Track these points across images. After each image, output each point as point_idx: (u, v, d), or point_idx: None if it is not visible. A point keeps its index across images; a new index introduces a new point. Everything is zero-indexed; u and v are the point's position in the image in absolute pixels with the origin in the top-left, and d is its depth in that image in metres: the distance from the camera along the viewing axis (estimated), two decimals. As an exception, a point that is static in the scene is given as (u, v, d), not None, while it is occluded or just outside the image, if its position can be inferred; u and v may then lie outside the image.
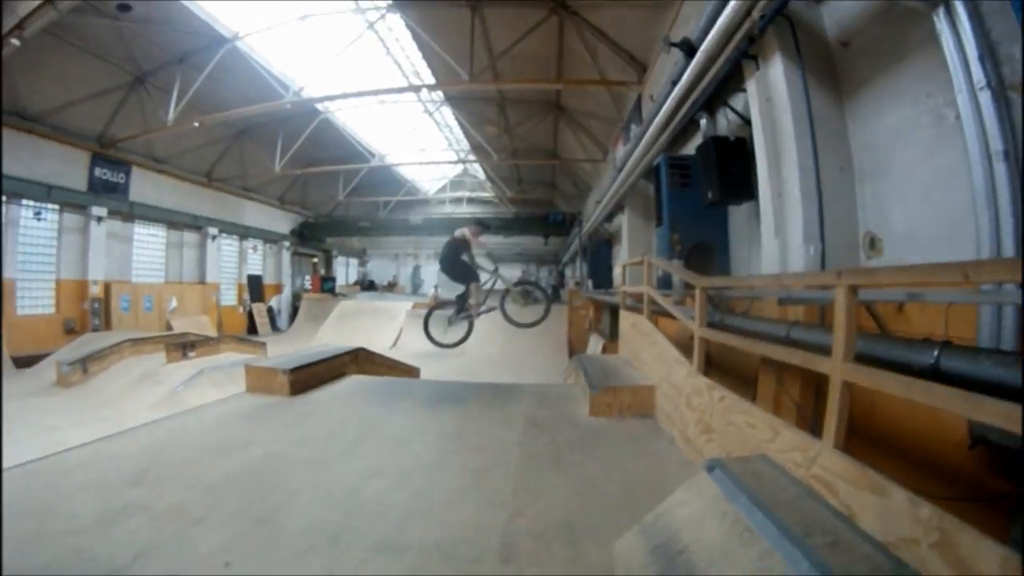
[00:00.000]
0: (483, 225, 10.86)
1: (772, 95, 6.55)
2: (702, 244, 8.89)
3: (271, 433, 6.03)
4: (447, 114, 27.75)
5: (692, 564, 2.65)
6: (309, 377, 8.07)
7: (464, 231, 10.51)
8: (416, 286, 42.53)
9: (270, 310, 32.10)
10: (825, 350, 3.38)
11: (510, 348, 20.93)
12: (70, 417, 12.62)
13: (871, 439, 3.36)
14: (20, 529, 3.69)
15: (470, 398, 7.68)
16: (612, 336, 16.50)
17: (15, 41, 13.40)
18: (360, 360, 10.04)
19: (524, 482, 4.55)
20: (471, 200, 41.13)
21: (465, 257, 10.56)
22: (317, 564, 3.29)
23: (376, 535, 3.63)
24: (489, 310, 11.00)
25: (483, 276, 10.70)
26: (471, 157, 31.44)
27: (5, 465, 4.83)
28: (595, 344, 18.20)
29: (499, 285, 11.04)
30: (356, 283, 40.36)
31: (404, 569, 3.20)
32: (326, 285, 35.40)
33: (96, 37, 18.05)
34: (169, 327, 23.73)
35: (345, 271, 42.10)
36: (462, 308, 10.69)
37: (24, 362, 18.33)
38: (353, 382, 8.65)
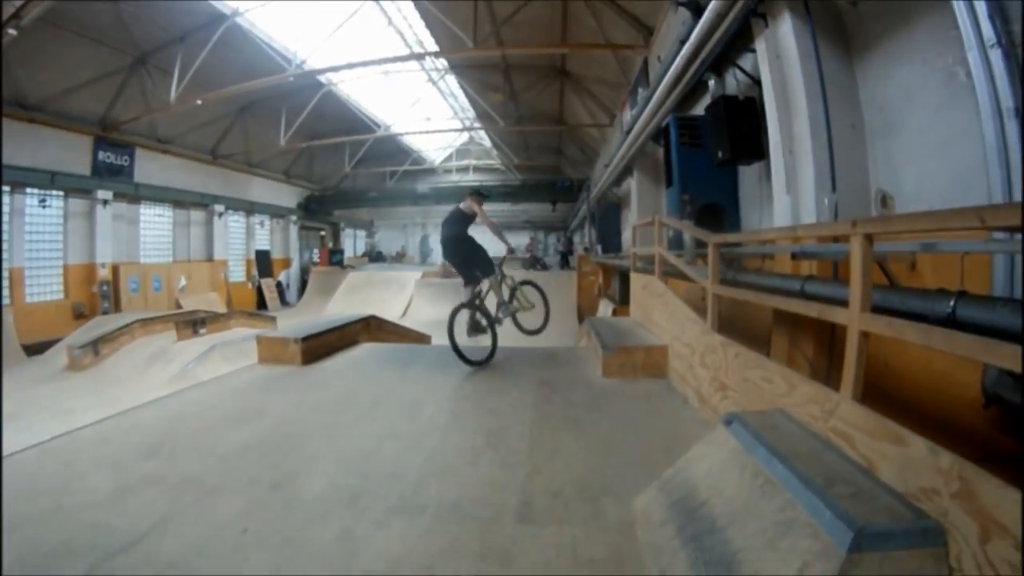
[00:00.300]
0: (481, 194, 8.53)
1: (782, 52, 6.48)
2: (712, 205, 8.86)
3: (285, 402, 6.08)
4: (452, 83, 27.68)
5: (713, 517, 2.66)
6: (321, 346, 8.10)
7: (469, 202, 8.30)
8: (425, 255, 42.56)
9: (279, 284, 32.15)
10: (841, 303, 3.36)
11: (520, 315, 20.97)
12: (83, 399, 12.72)
13: (884, 400, 3.34)
14: (37, 507, 3.72)
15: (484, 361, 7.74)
16: (622, 300, 16.44)
17: (12, 31, 13.45)
18: (372, 328, 10.01)
19: (539, 442, 4.58)
20: (477, 168, 41.08)
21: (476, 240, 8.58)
22: (335, 527, 3.32)
23: (393, 497, 3.66)
24: (511, 312, 8.66)
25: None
26: (477, 125, 31.35)
27: (20, 445, 4.89)
28: (605, 309, 18.18)
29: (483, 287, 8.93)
30: (364, 255, 40.44)
31: (423, 530, 3.21)
32: (334, 258, 35.31)
33: (93, 22, 18.02)
34: (179, 306, 23.82)
35: (353, 243, 42.10)
36: (477, 312, 8.25)
37: (35, 349, 18.42)
38: (365, 349, 8.71)
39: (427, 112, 31.20)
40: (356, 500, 3.68)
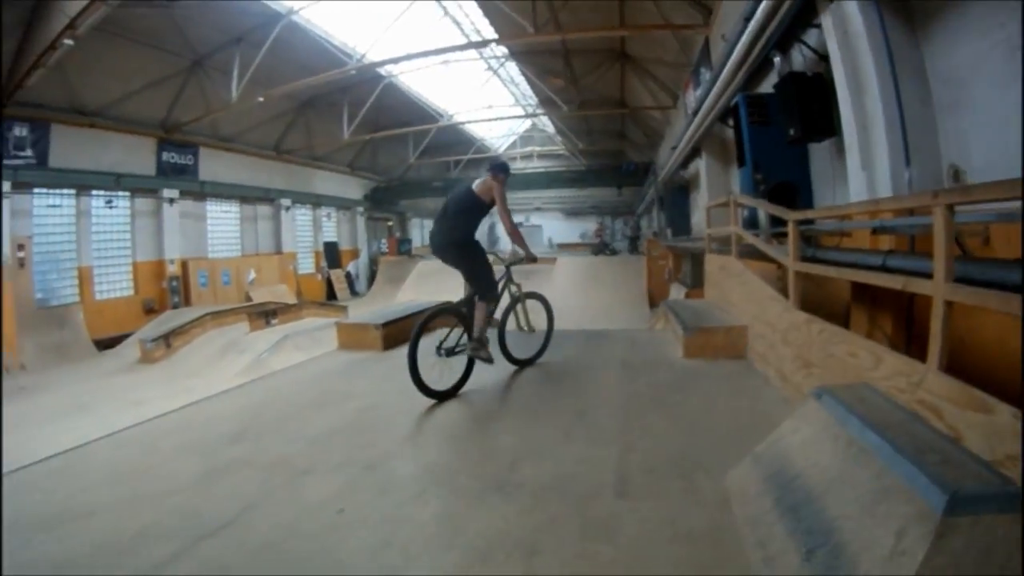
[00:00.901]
0: (507, 171, 6.55)
1: (849, 27, 6.44)
2: (785, 183, 8.77)
3: (369, 386, 6.28)
4: (512, 70, 27.77)
5: (808, 488, 2.74)
6: (400, 331, 8.10)
7: (487, 180, 6.31)
8: (492, 243, 42.70)
9: (348, 275, 32.93)
10: (923, 275, 3.42)
11: (590, 301, 20.96)
12: (155, 390, 13.13)
13: (962, 377, 3.36)
14: (116, 493, 3.78)
15: (563, 344, 7.77)
16: (694, 284, 16.30)
17: (68, 41, 14.05)
18: (449, 313, 9.89)
19: (629, 421, 4.67)
20: (541, 155, 41.17)
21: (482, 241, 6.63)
22: (434, 505, 3.42)
23: (488, 475, 3.76)
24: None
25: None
26: (539, 111, 31.45)
27: (93, 435, 5.05)
28: (676, 294, 17.96)
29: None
30: (426, 244, 40.86)
31: (522, 507, 3.29)
32: (402, 247, 35.91)
33: (148, 28, 18.64)
34: (248, 298, 24.59)
35: (420, 232, 42.52)
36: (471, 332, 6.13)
37: (105, 344, 19.19)
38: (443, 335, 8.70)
39: (488, 100, 31.40)
40: (452, 479, 3.79)
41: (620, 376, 6.16)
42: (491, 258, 6.49)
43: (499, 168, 6.44)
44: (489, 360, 5.95)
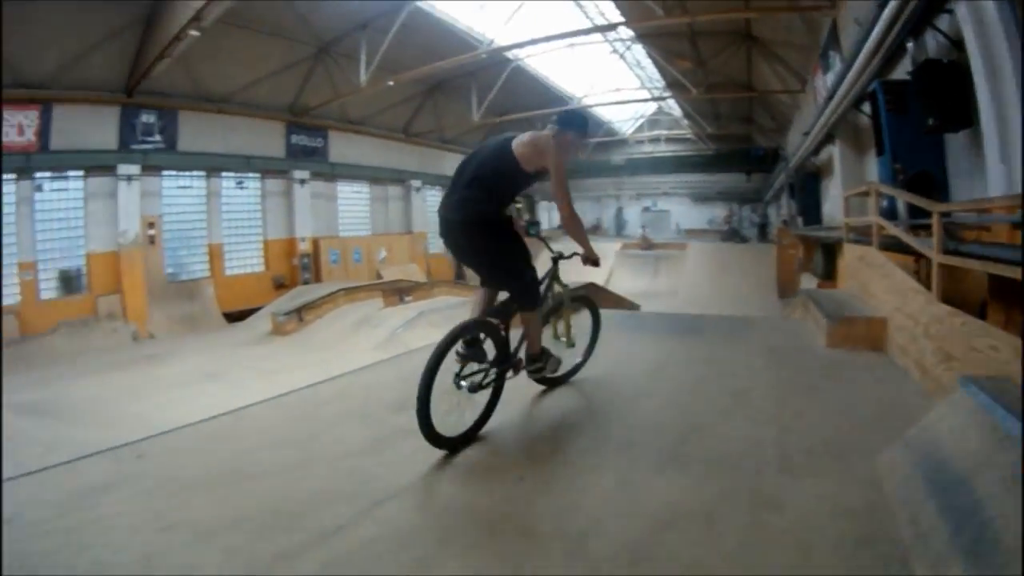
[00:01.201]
0: (577, 124, 4.75)
1: (984, 16, 6.47)
2: (924, 173, 8.73)
3: None
4: (637, 52, 27.75)
5: (956, 471, 2.96)
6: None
7: (543, 138, 4.46)
8: (620, 227, 42.60)
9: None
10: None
11: (721, 289, 21.11)
12: (289, 360, 13.87)
13: None
14: (282, 456, 3.99)
15: (707, 329, 7.96)
16: (825, 275, 15.95)
17: (194, 32, 15.18)
18: (591, 294, 9.79)
19: (782, 404, 4.87)
20: (668, 139, 40.66)
21: (521, 220, 5.34)
22: (612, 475, 3.63)
23: (658, 449, 3.99)
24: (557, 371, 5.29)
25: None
26: (665, 94, 31.23)
27: (233, 402, 5.38)
28: (807, 284, 17.54)
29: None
30: (560, 227, 41.07)
31: (695, 479, 3.54)
32: (531, 229, 35.38)
33: (272, 19, 19.77)
34: (379, 276, 25.37)
35: (548, 215, 42.84)
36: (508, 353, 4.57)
37: (235, 317, 20.77)
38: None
39: (615, 83, 31.43)
40: (627, 451, 3.97)
41: (768, 361, 6.31)
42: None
43: (570, 122, 4.59)
44: (557, 369, 5.06)
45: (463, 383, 4.15)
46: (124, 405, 11.75)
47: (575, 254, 5.20)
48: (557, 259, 5.38)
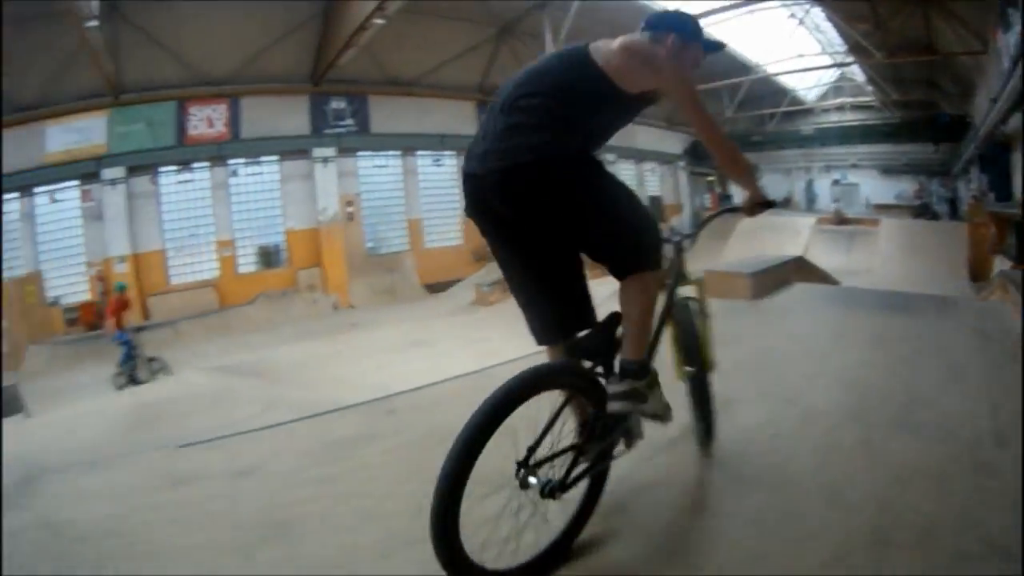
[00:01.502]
0: (686, 27, 2.98)
1: None
2: None
3: (755, 330, 6.54)
4: (816, 16, 26.88)
5: None
6: (765, 281, 8.10)
7: (642, 44, 2.88)
8: (810, 201, 40.17)
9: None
10: None
11: (911, 270, 19.63)
12: (495, 330, 14.19)
13: None
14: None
15: (911, 306, 7.83)
16: (1020, 258, 14.94)
17: (379, 20, 16.51)
18: (800, 269, 9.73)
19: (994, 380, 4.83)
20: (853, 106, 38.56)
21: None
22: (851, 436, 3.79)
23: (885, 416, 4.12)
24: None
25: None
26: (844, 60, 30.09)
27: (445, 367, 5.74)
28: (1000, 267, 16.27)
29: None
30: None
31: (923, 444, 3.70)
32: (725, 203, 35.39)
33: (449, 5, 20.47)
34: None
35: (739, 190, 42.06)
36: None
37: (435, 289, 22.12)
38: (801, 289, 8.57)
39: (797, 49, 30.33)
40: (861, 416, 4.11)
41: (977, 340, 6.19)
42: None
43: (677, 23, 3.01)
44: (663, 416, 2.87)
45: (532, 479, 2.48)
46: (333, 368, 12.82)
47: (726, 210, 4.11)
48: (680, 243, 3.59)
